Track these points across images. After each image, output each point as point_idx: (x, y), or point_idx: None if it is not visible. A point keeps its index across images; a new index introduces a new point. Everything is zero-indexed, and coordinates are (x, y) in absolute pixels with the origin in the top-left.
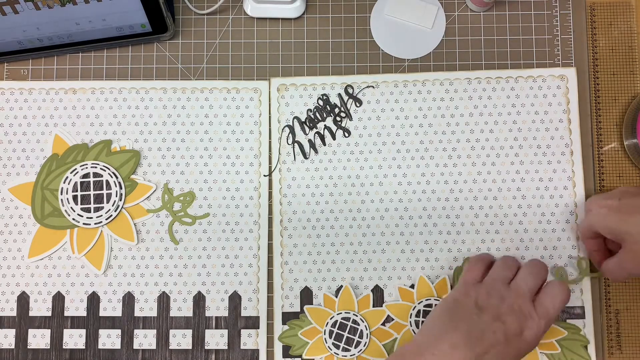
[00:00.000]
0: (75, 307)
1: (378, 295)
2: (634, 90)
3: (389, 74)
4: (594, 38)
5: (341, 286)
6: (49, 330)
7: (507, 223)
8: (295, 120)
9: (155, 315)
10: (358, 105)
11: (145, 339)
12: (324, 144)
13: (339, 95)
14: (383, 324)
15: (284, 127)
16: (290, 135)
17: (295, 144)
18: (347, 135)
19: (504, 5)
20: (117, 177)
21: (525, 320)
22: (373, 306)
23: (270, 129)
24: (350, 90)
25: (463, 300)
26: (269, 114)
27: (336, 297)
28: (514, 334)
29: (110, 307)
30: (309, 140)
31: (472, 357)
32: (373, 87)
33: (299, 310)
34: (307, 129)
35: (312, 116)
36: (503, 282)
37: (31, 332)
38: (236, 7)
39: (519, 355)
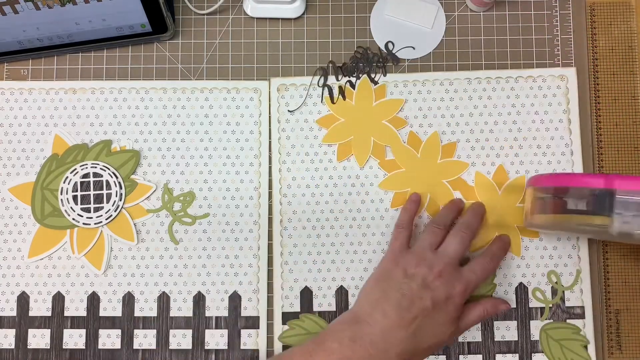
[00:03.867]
0: (75, 307)
1: None
2: (634, 90)
3: (390, 74)
4: (594, 38)
5: (341, 286)
6: (49, 330)
7: None
8: (330, 65)
9: (155, 315)
10: (395, 63)
11: (145, 339)
12: (354, 89)
13: (379, 49)
14: None
15: (318, 68)
16: (322, 79)
17: (325, 88)
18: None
19: (504, 5)
20: (117, 177)
21: (453, 286)
22: None
23: (270, 129)
24: (390, 47)
25: (393, 270)
26: (269, 114)
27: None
28: (442, 300)
29: (110, 307)
30: (340, 87)
31: (403, 325)
32: (413, 47)
33: (299, 310)
34: (340, 76)
35: (349, 64)
36: (430, 248)
37: (31, 332)
38: (236, 7)
39: (449, 317)
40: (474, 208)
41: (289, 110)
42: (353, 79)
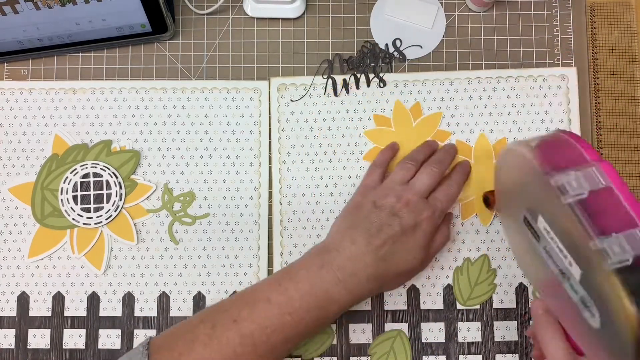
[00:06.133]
0: (75, 307)
1: (377, 294)
2: (634, 90)
3: (389, 73)
4: (594, 38)
5: None
6: (49, 330)
7: None
8: (336, 57)
9: (155, 315)
10: (401, 60)
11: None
12: (357, 87)
13: (386, 45)
14: None
15: (323, 60)
16: (328, 69)
17: (329, 79)
18: (382, 85)
19: (504, 5)
20: (117, 177)
21: (420, 213)
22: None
23: (270, 129)
24: (398, 44)
25: (363, 202)
26: (269, 114)
27: None
28: (410, 226)
29: (110, 307)
30: (344, 80)
31: (371, 250)
32: (420, 46)
33: None
34: (345, 69)
35: (355, 58)
36: (401, 182)
37: (31, 332)
38: (236, 7)
39: (417, 244)
40: (445, 147)
41: (291, 100)
42: (358, 74)
